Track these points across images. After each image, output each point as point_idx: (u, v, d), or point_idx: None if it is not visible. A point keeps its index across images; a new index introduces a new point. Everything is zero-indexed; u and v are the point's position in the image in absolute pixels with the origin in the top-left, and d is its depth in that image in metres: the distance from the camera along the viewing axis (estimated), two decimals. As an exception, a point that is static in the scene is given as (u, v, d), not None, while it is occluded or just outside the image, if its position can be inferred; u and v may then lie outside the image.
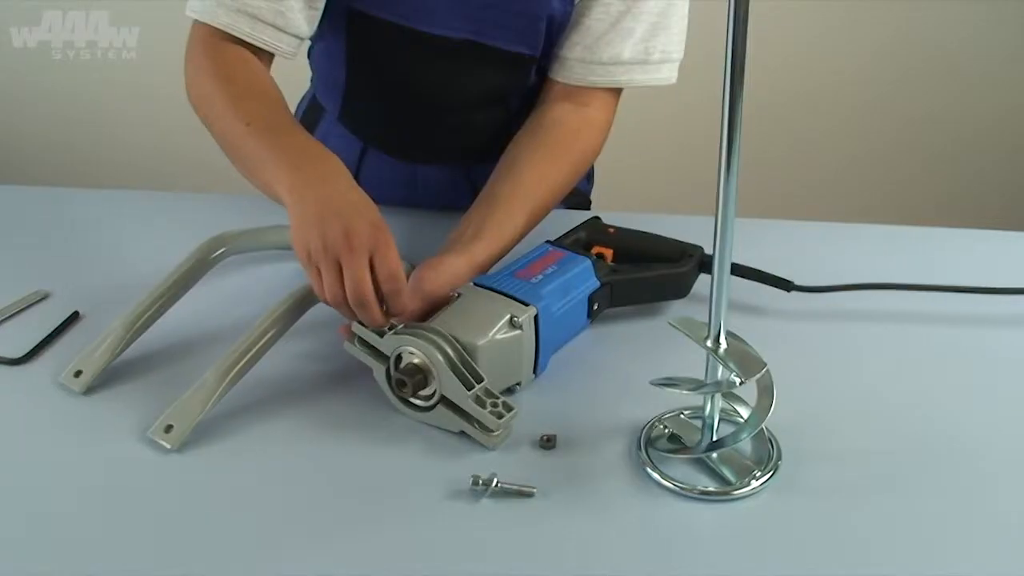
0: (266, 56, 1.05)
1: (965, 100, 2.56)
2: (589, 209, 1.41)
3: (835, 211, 2.53)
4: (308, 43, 1.19)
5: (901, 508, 0.78)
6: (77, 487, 0.80)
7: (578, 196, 1.37)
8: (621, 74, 1.11)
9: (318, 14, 1.06)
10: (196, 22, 1.04)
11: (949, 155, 2.64)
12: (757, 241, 1.05)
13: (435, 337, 0.84)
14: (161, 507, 0.78)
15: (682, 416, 0.88)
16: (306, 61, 1.30)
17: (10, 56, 1.56)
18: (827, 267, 1.08)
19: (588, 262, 0.98)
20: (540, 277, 0.94)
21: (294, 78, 1.26)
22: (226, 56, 1.02)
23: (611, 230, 1.09)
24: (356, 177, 1.29)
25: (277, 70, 1.06)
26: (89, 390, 0.91)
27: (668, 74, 1.14)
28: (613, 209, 1.20)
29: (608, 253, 1.07)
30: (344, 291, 0.85)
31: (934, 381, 0.94)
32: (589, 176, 1.40)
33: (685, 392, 0.81)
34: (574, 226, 1.08)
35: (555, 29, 1.11)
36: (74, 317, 1.03)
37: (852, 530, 0.76)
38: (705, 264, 1.05)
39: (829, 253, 1.15)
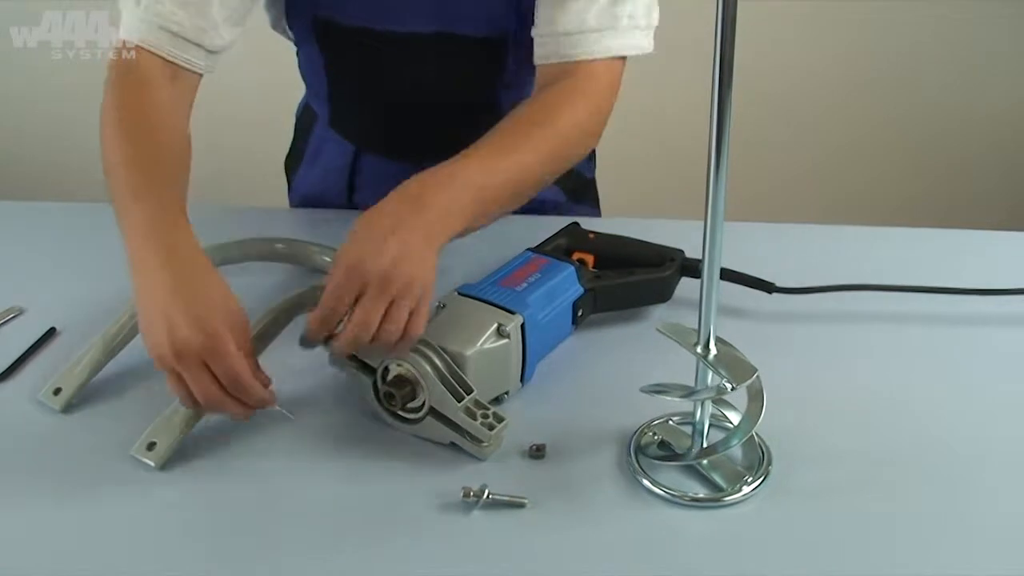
0: (188, 76, 1.00)
1: (946, 99, 2.58)
2: (596, 193, 1.39)
3: (815, 212, 2.55)
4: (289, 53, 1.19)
5: (893, 510, 0.78)
6: (58, 507, 0.79)
7: (580, 179, 1.33)
8: (592, 43, 1.03)
9: (240, 29, 1.02)
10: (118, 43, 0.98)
11: (929, 155, 2.66)
12: (737, 243, 1.04)
13: (423, 348, 0.84)
14: (145, 526, 0.77)
15: (671, 422, 0.88)
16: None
17: (10, 56, 1.55)
18: (808, 269, 1.08)
19: (572, 268, 0.98)
20: (525, 285, 0.94)
21: (296, 81, 1.27)
22: (139, 88, 0.96)
23: (591, 235, 1.09)
24: (352, 180, 1.28)
25: (280, 71, 1.05)
26: (68, 408, 0.90)
27: (642, 41, 1.06)
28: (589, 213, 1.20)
29: (589, 259, 1.06)
30: (216, 386, 0.80)
31: (919, 381, 0.94)
32: (591, 156, 1.34)
33: (676, 399, 0.81)
34: (553, 232, 1.08)
35: (524, 8, 1.07)
36: (51, 333, 1.01)
37: (845, 534, 0.76)
38: (687, 268, 1.05)
39: (809, 254, 1.15)
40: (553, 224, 1.10)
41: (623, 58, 1.06)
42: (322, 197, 1.31)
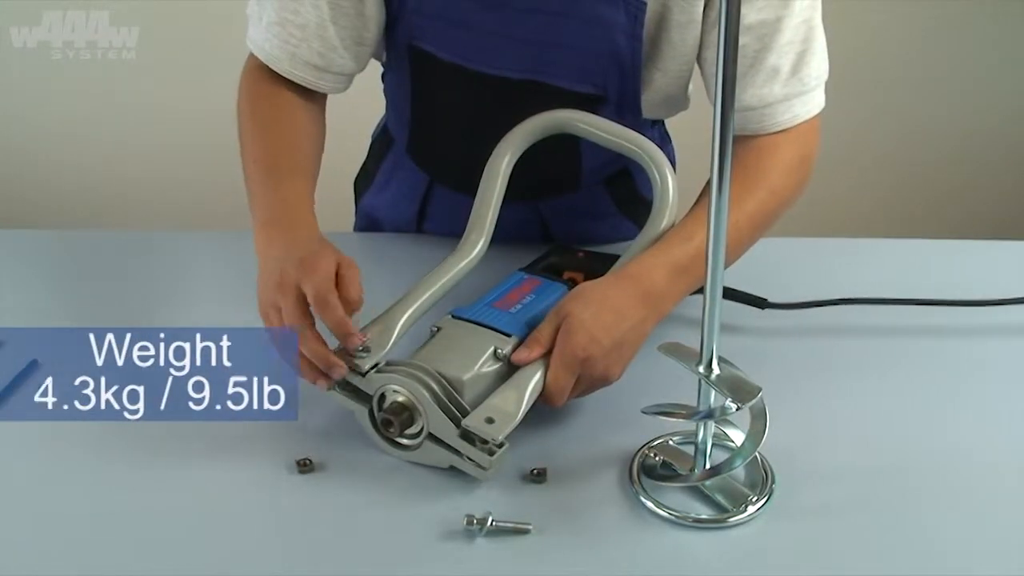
0: (313, 92, 1.05)
1: (937, 114, 2.58)
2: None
3: (806, 226, 2.54)
4: (380, 72, 1.20)
5: (896, 526, 0.78)
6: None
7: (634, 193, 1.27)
8: (780, 114, 0.99)
9: (368, 50, 1.06)
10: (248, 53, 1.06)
11: (921, 168, 2.65)
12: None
13: (419, 373, 0.82)
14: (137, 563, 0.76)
15: (671, 442, 0.87)
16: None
17: (10, 56, 1.53)
18: (800, 283, 1.08)
19: (564, 289, 0.97)
20: (519, 307, 0.93)
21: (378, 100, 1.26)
22: (269, 90, 1.04)
23: (580, 254, 1.08)
24: (422, 211, 1.25)
25: (358, 90, 1.07)
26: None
27: (821, 97, 1.03)
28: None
29: (580, 278, 1.05)
30: (303, 310, 0.83)
31: (916, 394, 0.94)
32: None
33: (679, 420, 0.80)
34: (542, 252, 1.07)
35: (626, 67, 1.03)
36: (32, 366, 0.99)
37: (850, 552, 0.76)
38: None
39: (801, 269, 1.15)
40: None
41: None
42: (390, 222, 1.29)
